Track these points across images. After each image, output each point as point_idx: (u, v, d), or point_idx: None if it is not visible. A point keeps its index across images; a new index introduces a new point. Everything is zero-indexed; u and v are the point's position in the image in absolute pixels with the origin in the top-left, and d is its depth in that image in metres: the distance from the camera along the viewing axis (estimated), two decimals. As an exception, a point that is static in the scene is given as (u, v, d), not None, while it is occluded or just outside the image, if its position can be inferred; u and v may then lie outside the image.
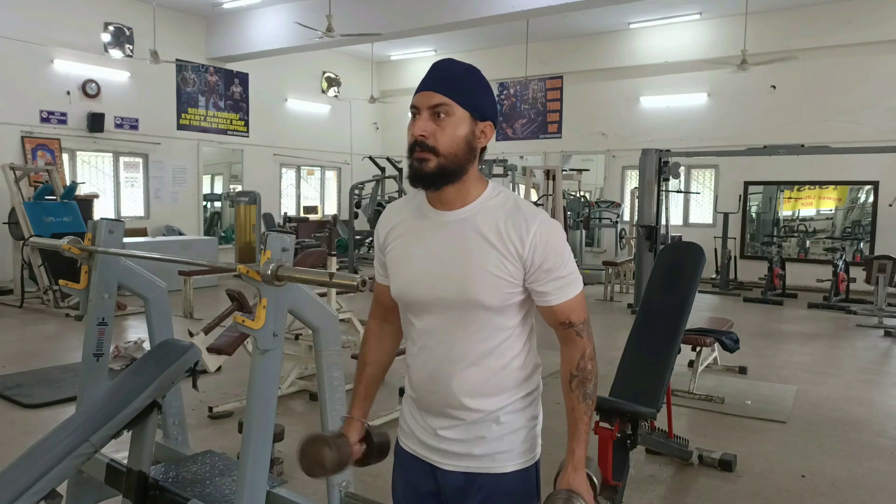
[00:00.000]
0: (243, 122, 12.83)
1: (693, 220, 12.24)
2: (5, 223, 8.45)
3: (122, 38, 10.55)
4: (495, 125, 1.41)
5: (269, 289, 1.56)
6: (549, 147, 13.38)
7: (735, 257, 11.06)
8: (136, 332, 6.53)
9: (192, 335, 3.92)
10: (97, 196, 10.07)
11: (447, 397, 1.41)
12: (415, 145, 1.35)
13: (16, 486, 1.79)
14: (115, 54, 10.48)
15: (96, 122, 10.39)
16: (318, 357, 1.91)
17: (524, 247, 1.32)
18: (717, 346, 5.16)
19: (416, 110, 1.37)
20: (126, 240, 2.82)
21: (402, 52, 14.51)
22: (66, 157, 10.33)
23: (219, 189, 14.42)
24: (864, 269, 8.65)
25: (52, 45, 9.99)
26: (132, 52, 10.66)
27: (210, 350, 4.00)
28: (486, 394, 1.40)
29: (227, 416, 4.26)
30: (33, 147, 9.85)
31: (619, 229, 12.35)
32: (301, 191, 14.52)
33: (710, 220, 11.74)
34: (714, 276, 10.71)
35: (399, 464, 1.55)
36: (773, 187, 11.54)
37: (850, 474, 3.60)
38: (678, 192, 11.36)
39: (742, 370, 5.61)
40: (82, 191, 9.73)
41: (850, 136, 10.10)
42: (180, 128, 11.79)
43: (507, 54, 12.95)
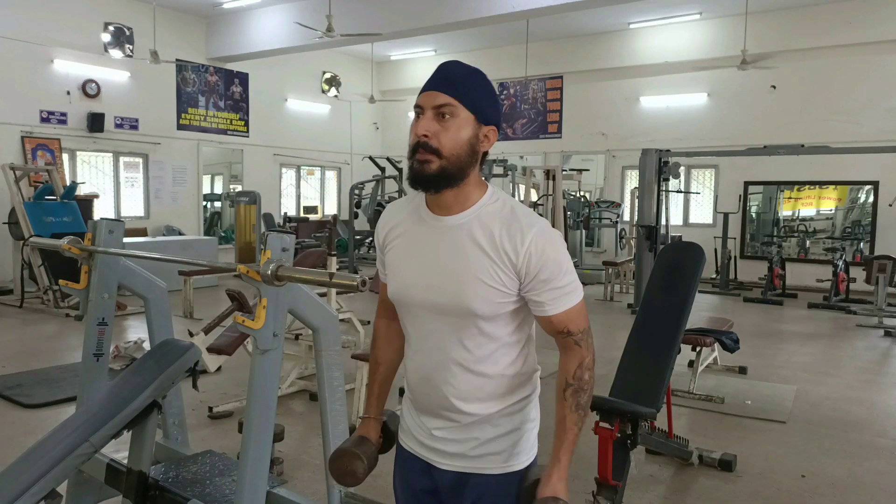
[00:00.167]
0: (243, 122, 12.84)
1: (693, 220, 12.24)
2: (5, 223, 8.45)
3: (122, 38, 10.55)
4: (499, 130, 1.40)
5: (269, 289, 1.56)
6: (549, 147, 13.38)
7: (735, 257, 11.06)
8: (136, 332, 6.53)
9: (192, 335, 3.92)
10: (97, 196, 10.07)
11: (441, 400, 1.41)
12: (417, 146, 1.32)
13: (16, 486, 1.79)
14: (115, 54, 10.48)
15: (96, 122, 10.39)
16: (318, 357, 1.91)
17: (518, 257, 1.31)
18: (717, 346, 5.16)
19: (420, 110, 1.35)
20: (126, 240, 2.82)
21: (402, 52, 14.51)
22: (66, 157, 10.33)
23: (219, 189, 14.42)
24: (864, 269, 8.65)
25: (52, 45, 9.99)
26: (132, 52, 10.66)
27: (210, 350, 3.99)
28: (480, 399, 1.40)
29: (227, 416, 4.26)
30: (33, 147, 9.85)
31: (619, 229, 12.35)
32: (301, 191, 14.52)
33: (710, 220, 11.75)
34: (714, 276, 10.71)
35: (399, 462, 1.57)
36: (773, 187, 11.54)
37: (850, 474, 3.60)
38: (678, 192, 11.36)
39: (742, 370, 5.61)
40: (82, 191, 9.73)
41: (850, 136, 10.10)
42: (180, 128, 11.79)
43: (507, 54, 12.95)
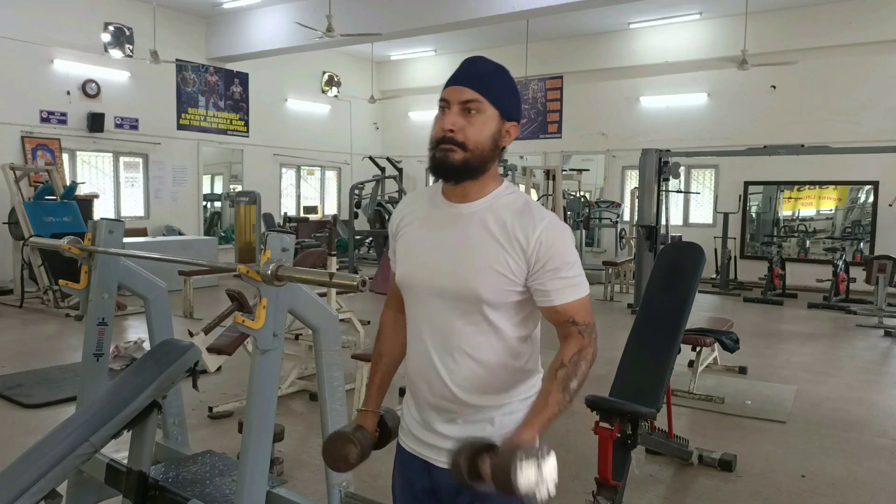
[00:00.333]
0: (243, 122, 12.84)
1: (693, 220, 12.24)
2: (5, 223, 8.45)
3: (122, 38, 10.55)
4: (519, 125, 1.44)
5: (269, 289, 1.56)
6: (549, 147, 13.38)
7: (735, 257, 11.06)
8: (136, 332, 6.53)
9: (192, 335, 3.92)
10: (97, 196, 10.07)
11: (441, 389, 1.41)
12: (443, 139, 1.35)
13: (16, 486, 1.79)
14: (115, 54, 10.48)
15: (96, 122, 10.39)
16: (318, 357, 1.91)
17: (529, 244, 1.33)
18: (717, 346, 5.16)
19: (445, 103, 1.37)
20: (126, 240, 2.82)
21: (402, 52, 14.51)
22: (66, 157, 10.32)
23: (219, 189, 14.42)
24: (864, 269, 8.65)
25: (52, 45, 9.99)
26: (132, 52, 10.66)
27: (210, 350, 3.99)
28: (479, 389, 1.39)
29: (227, 416, 4.26)
30: (33, 147, 9.85)
31: (619, 229, 12.35)
32: (301, 191, 14.52)
33: (710, 220, 11.75)
34: (714, 276, 10.71)
35: (398, 462, 1.56)
36: (773, 187, 11.54)
37: (850, 474, 3.60)
38: (678, 192, 11.36)
39: (742, 370, 5.61)
40: (82, 191, 9.73)
41: (850, 136, 10.10)
42: (180, 128, 11.79)
43: (507, 54, 12.92)
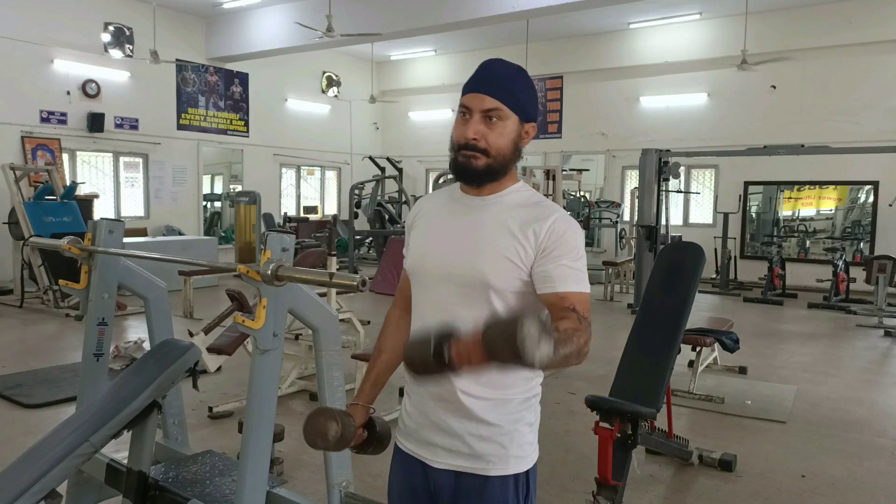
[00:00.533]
0: (243, 122, 12.84)
1: (693, 220, 12.24)
2: (5, 223, 8.45)
3: (122, 38, 10.55)
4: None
5: (269, 289, 1.56)
6: (549, 147, 13.38)
7: (735, 257, 11.06)
8: (136, 332, 6.53)
9: (192, 335, 3.92)
10: (97, 196, 10.07)
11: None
12: (466, 146, 1.38)
13: (16, 486, 1.79)
14: (115, 54, 10.49)
15: (96, 122, 10.39)
16: (318, 357, 1.91)
17: (541, 231, 1.36)
18: (717, 346, 5.17)
19: (466, 110, 1.39)
20: (126, 240, 2.81)
21: (402, 52, 14.51)
22: (66, 157, 10.33)
23: (219, 189, 14.42)
24: (864, 269, 8.65)
25: (52, 45, 9.99)
26: (132, 52, 10.67)
27: (210, 350, 4.00)
28: (480, 380, 1.37)
29: (227, 416, 4.26)
30: (33, 147, 9.85)
31: (619, 229, 12.36)
32: (301, 191, 14.52)
33: (710, 220, 11.75)
34: (714, 276, 10.71)
35: (395, 463, 1.56)
36: (773, 187, 11.54)
37: (850, 474, 3.60)
38: (678, 192, 11.36)
39: (742, 370, 5.61)
40: (82, 191, 9.73)
41: (850, 136, 10.10)
42: (180, 128, 11.79)
43: (507, 54, 12.66)
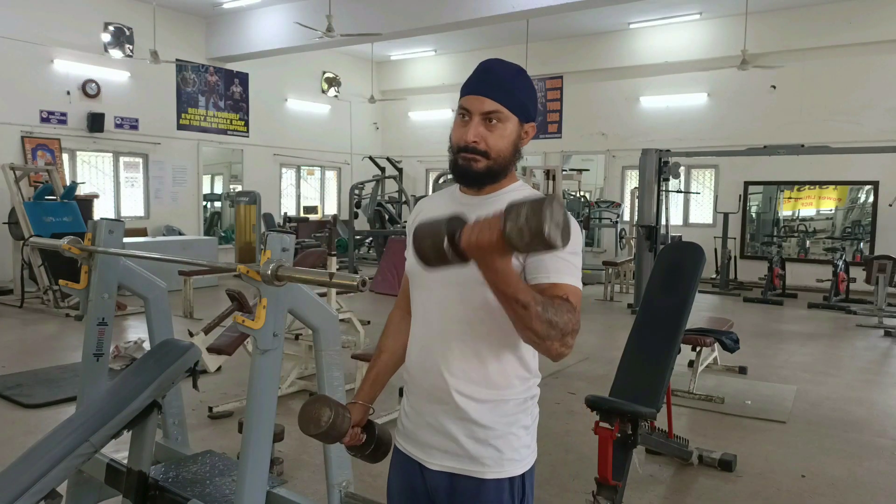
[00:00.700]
0: (243, 122, 12.84)
1: (693, 220, 12.24)
2: (5, 223, 8.45)
3: (122, 38, 10.55)
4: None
5: (269, 289, 1.56)
6: (549, 147, 13.38)
7: (735, 257, 11.06)
8: (136, 332, 6.53)
9: (192, 335, 3.92)
10: (97, 196, 10.07)
11: (436, 379, 1.40)
12: (466, 149, 1.37)
13: (16, 486, 1.79)
14: (115, 54, 10.49)
15: (96, 122, 10.39)
16: (318, 357, 1.91)
17: None
18: (717, 346, 5.16)
19: (465, 112, 1.38)
20: (126, 240, 2.82)
21: (402, 52, 14.51)
22: (66, 157, 10.32)
23: (219, 189, 14.42)
24: (864, 269, 8.65)
25: (52, 45, 9.99)
26: (132, 52, 10.67)
27: (210, 350, 4.00)
28: (473, 381, 1.38)
29: (227, 416, 4.26)
30: (33, 147, 9.85)
31: (619, 229, 12.36)
32: (301, 191, 14.52)
33: (710, 220, 11.75)
34: (714, 276, 10.71)
35: (394, 464, 1.55)
36: (773, 187, 11.54)
37: (850, 474, 3.60)
38: (678, 192, 11.36)
39: (742, 370, 5.60)
40: (82, 191, 9.73)
41: (850, 136, 10.10)
42: (180, 128, 11.79)
43: (507, 54, 12.71)
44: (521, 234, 1.01)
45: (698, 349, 4.94)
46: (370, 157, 13.90)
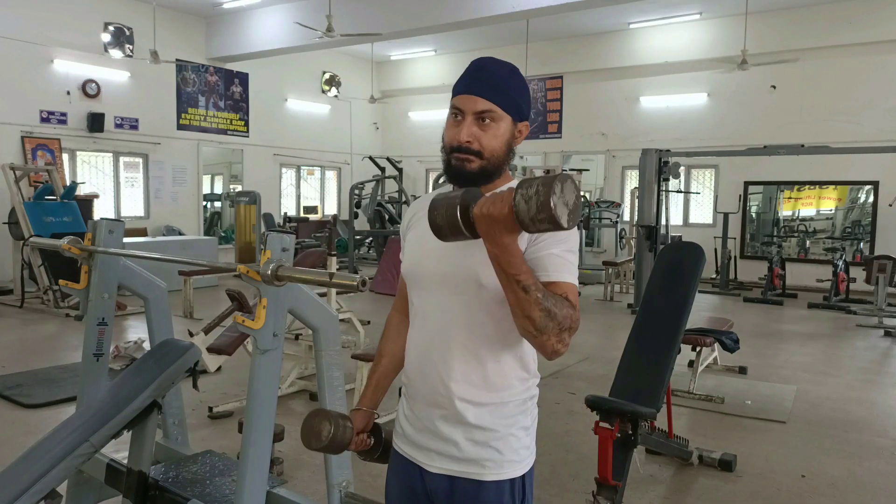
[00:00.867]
0: (243, 122, 12.84)
1: (693, 220, 12.24)
2: (5, 223, 8.46)
3: (122, 38, 10.55)
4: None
5: (269, 289, 1.56)
6: (549, 147, 13.38)
7: (735, 257, 11.06)
8: (136, 332, 6.53)
9: (192, 335, 3.92)
10: (97, 196, 10.07)
11: (434, 382, 1.39)
12: (459, 149, 1.36)
13: (16, 486, 1.79)
14: (115, 54, 10.48)
15: (96, 122, 10.39)
16: (318, 357, 1.91)
17: None
18: (717, 346, 5.17)
19: (458, 112, 1.37)
20: (126, 240, 2.82)
21: (402, 52, 14.51)
22: (66, 157, 10.32)
23: (219, 189, 14.42)
24: (864, 269, 8.65)
25: (52, 45, 9.99)
26: (132, 52, 10.67)
27: (210, 350, 4.00)
28: (472, 383, 1.37)
29: (227, 416, 4.26)
30: (33, 147, 9.85)
31: (619, 229, 12.36)
32: (301, 191, 14.52)
33: (710, 220, 11.75)
34: (714, 276, 10.71)
35: (393, 466, 1.55)
36: (773, 187, 11.54)
37: (850, 474, 3.60)
38: (678, 192, 11.36)
39: (742, 370, 5.61)
40: (82, 191, 9.73)
41: (850, 136, 10.10)
42: (180, 128, 11.79)
43: (507, 54, 12.77)
44: (528, 205, 1.02)
45: (698, 349, 4.94)
46: (370, 157, 13.90)
